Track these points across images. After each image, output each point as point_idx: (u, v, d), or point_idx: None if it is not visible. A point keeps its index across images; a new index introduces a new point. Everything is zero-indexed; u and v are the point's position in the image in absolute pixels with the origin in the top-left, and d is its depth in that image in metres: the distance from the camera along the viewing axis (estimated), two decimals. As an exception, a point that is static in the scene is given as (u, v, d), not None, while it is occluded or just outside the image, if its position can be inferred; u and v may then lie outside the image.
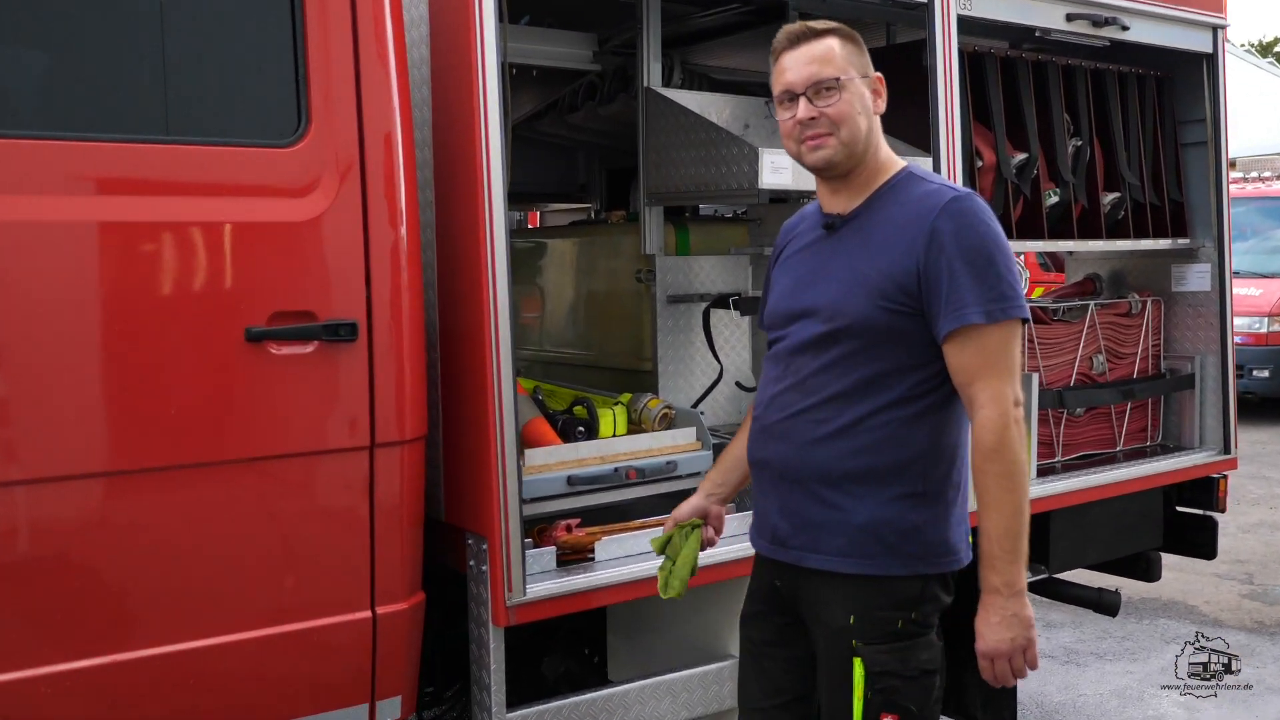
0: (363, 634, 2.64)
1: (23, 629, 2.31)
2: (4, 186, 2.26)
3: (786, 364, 2.41)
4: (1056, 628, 5.67)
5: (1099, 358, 4.43)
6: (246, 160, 2.48)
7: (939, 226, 2.24)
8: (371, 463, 2.61)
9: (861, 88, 2.36)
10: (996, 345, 2.24)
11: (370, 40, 2.59)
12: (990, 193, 3.98)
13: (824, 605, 2.35)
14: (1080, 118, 4.27)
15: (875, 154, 2.39)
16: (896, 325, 2.28)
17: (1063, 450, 4.29)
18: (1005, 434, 2.21)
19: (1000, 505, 2.21)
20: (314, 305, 2.52)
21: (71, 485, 2.33)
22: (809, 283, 2.41)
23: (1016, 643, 2.22)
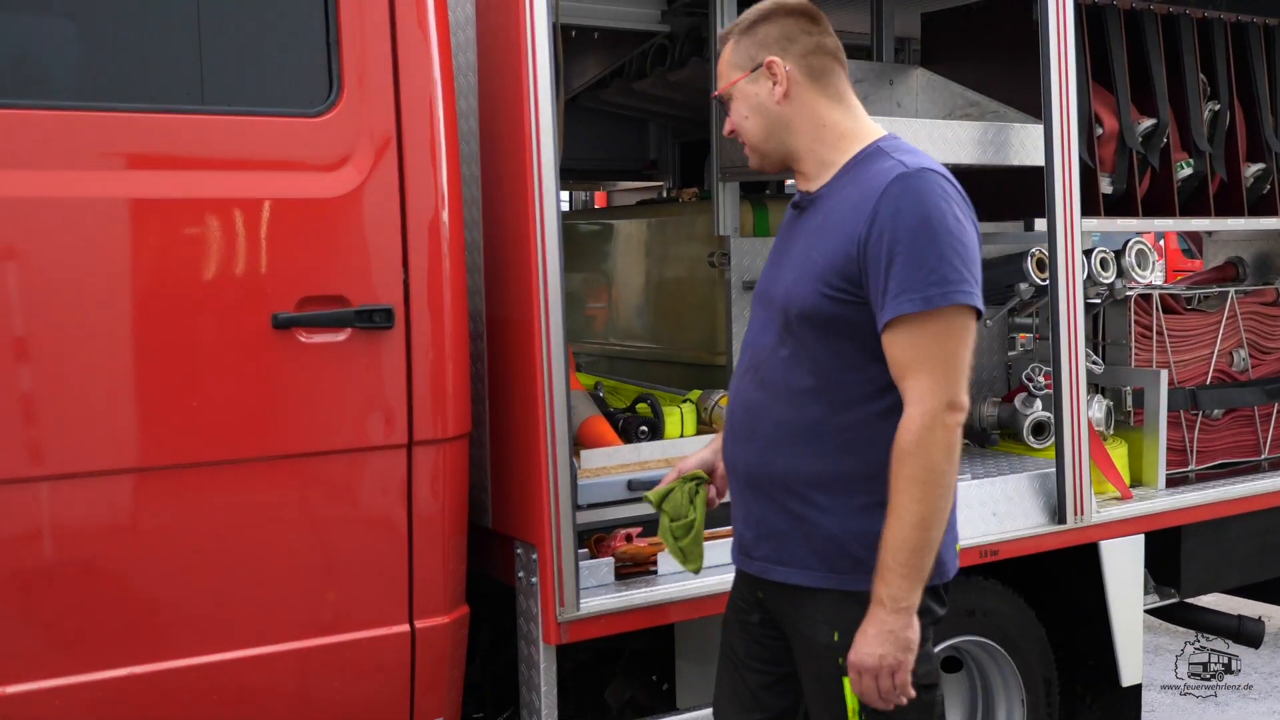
0: (400, 650, 2.69)
1: (41, 636, 2.41)
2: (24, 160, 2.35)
3: (754, 356, 2.47)
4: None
5: (1240, 352, 4.35)
6: (272, 131, 2.54)
7: (880, 206, 2.24)
8: (409, 462, 2.66)
9: (746, 88, 2.42)
10: (932, 337, 2.22)
11: (409, 3, 2.64)
12: (1112, 164, 3.94)
13: (805, 620, 2.38)
14: (1219, 78, 4.18)
15: (815, 139, 2.41)
16: (844, 315, 2.29)
17: (1197, 458, 4.22)
18: (926, 436, 2.20)
19: (903, 513, 2.20)
20: (347, 290, 2.58)
21: (86, 482, 2.41)
22: (777, 267, 2.46)
23: (885, 660, 2.21)
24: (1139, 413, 4.03)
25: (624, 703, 3.53)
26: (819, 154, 2.41)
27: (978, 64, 4.05)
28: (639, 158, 5.31)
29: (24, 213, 2.34)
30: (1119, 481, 3.81)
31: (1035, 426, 3.84)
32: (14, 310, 2.34)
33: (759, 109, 2.41)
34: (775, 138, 2.42)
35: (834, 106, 2.42)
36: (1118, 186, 3.95)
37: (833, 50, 2.42)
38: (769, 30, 2.41)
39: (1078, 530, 3.61)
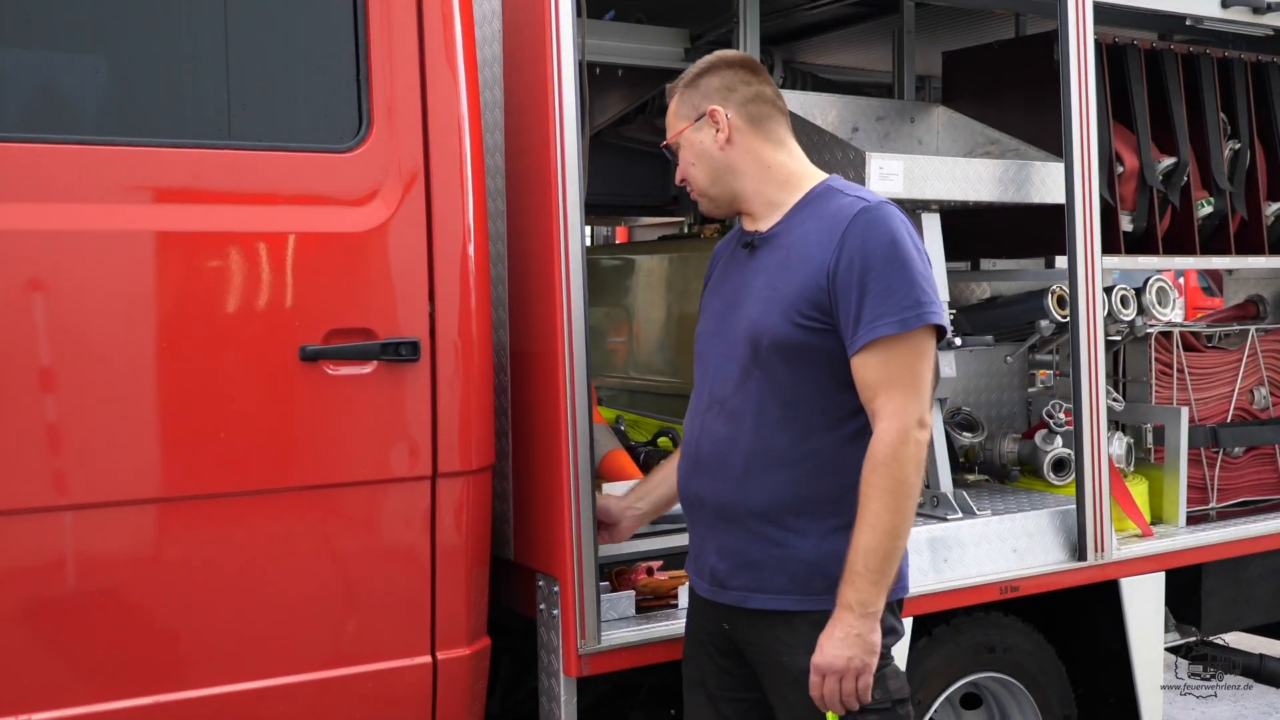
0: (422, 681, 2.68)
1: (64, 664, 2.41)
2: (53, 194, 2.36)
3: (714, 393, 2.51)
4: (1213, 702, 5.51)
5: (1261, 390, 4.32)
6: (302, 166, 2.56)
7: (848, 239, 2.34)
8: (434, 494, 2.66)
9: (691, 136, 2.54)
10: (904, 357, 2.32)
11: (437, 37, 2.66)
12: (1132, 202, 3.93)
13: (781, 647, 2.42)
14: (1239, 117, 4.19)
15: (761, 181, 2.53)
16: (814, 343, 2.38)
17: (1218, 495, 4.19)
18: (900, 449, 2.29)
19: (876, 522, 2.29)
20: (373, 323, 2.58)
21: (112, 512, 2.42)
22: (733, 304, 2.52)
23: (853, 663, 2.28)
24: (1160, 450, 4.01)
25: (644, 736, 3.51)
26: (766, 195, 2.53)
27: (998, 102, 4.06)
28: (661, 193, 5.31)
29: (57, 245, 2.36)
30: (1139, 519, 3.78)
31: (1056, 463, 3.82)
32: (45, 340, 2.35)
33: (703, 155, 2.53)
34: (721, 182, 2.54)
35: (776, 150, 2.55)
36: (1138, 224, 3.94)
37: (771, 98, 2.55)
38: (710, 81, 2.54)
39: (1098, 567, 3.59)
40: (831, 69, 4.81)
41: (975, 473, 4.02)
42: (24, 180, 2.35)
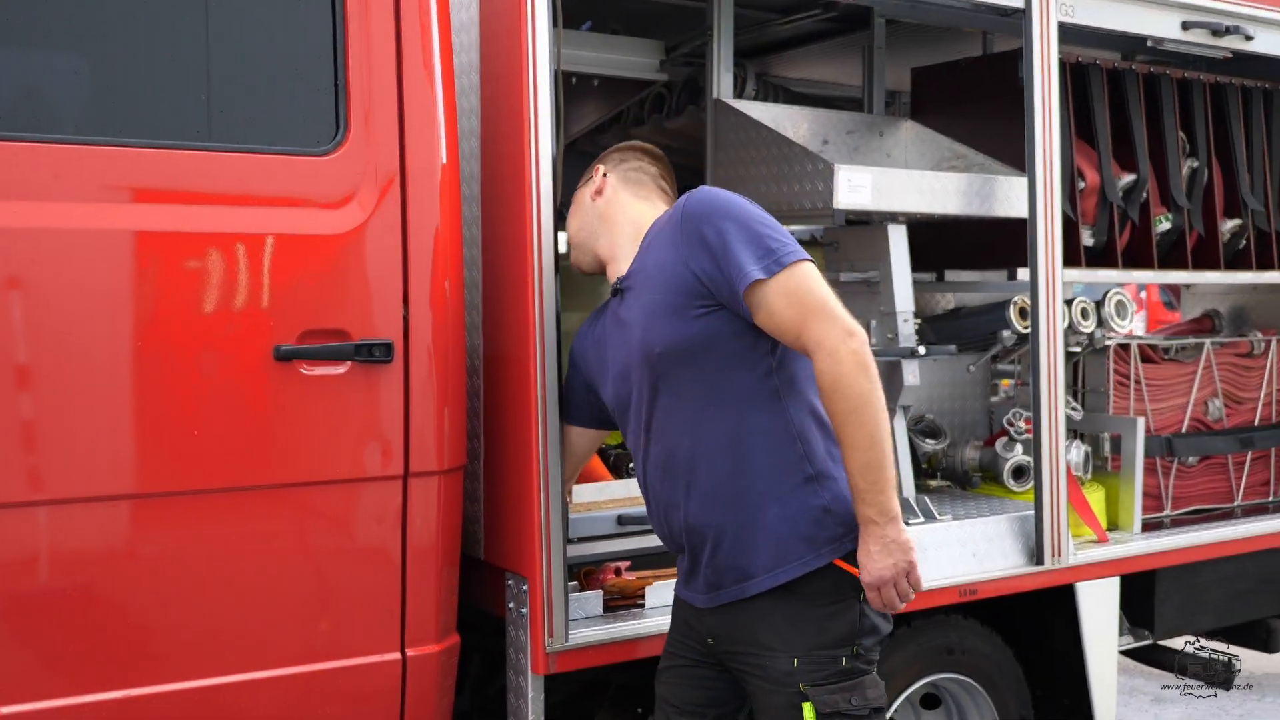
0: (391, 677, 2.66)
1: (39, 658, 2.38)
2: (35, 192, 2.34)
3: (643, 428, 2.56)
4: (1167, 703, 5.54)
5: (1215, 402, 4.35)
6: (280, 168, 2.54)
7: (686, 225, 2.43)
8: (405, 493, 2.65)
9: (578, 192, 2.82)
10: (793, 292, 2.35)
11: (415, 45, 2.65)
12: (1093, 216, 3.95)
13: (765, 653, 2.44)
14: (1197, 136, 4.21)
15: (624, 234, 2.69)
16: (704, 329, 2.42)
17: (1172, 503, 4.21)
18: (838, 371, 2.32)
19: (855, 441, 2.34)
20: (348, 324, 2.57)
21: (88, 507, 2.40)
22: (623, 346, 2.58)
23: (899, 567, 2.34)
24: (1116, 458, 4.02)
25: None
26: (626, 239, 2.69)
27: (965, 118, 4.07)
28: (636, 201, 5.31)
29: (36, 243, 2.33)
30: (1096, 525, 3.80)
31: (1015, 470, 3.83)
32: (21, 337, 2.33)
33: (579, 206, 2.79)
34: (587, 229, 2.77)
35: (640, 206, 2.73)
36: (1098, 239, 3.96)
37: (654, 176, 2.79)
38: (612, 154, 2.83)
39: (1055, 572, 3.60)
40: (803, 82, 4.81)
41: (937, 479, 4.04)
42: (2, 178, 2.32)
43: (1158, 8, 3.86)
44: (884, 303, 3.53)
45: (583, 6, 4.00)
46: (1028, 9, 3.55)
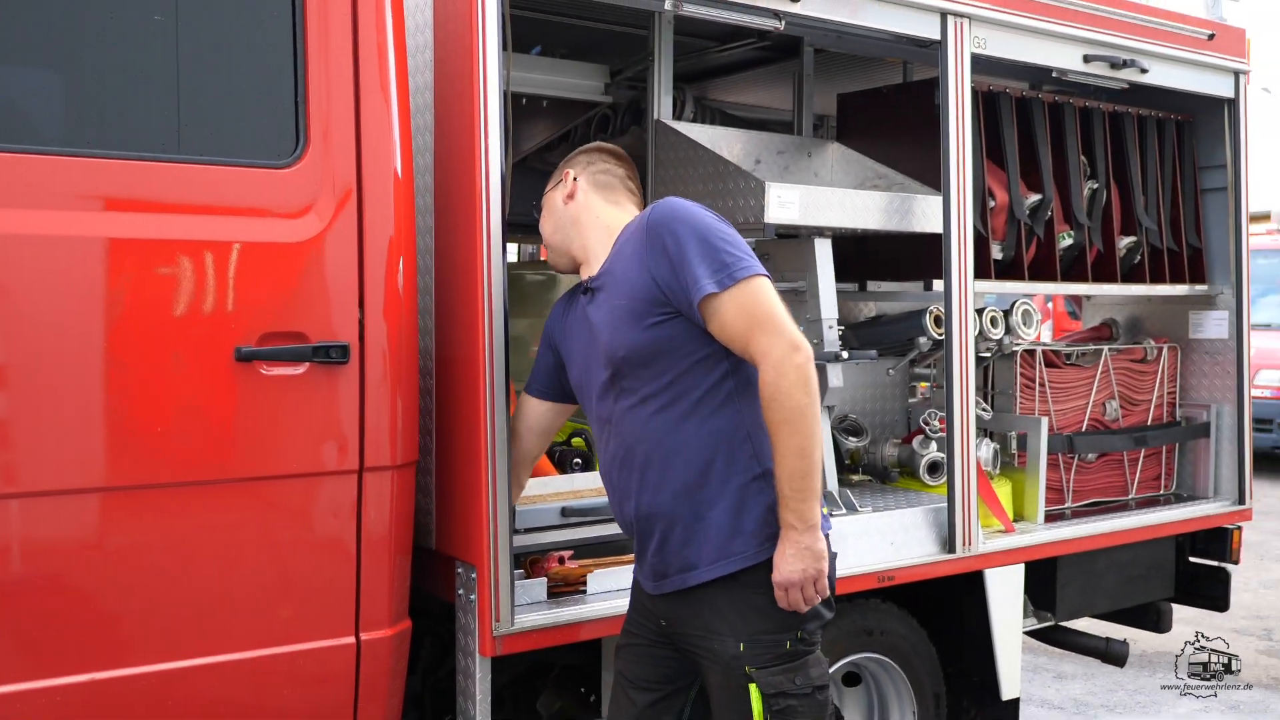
0: (346, 660, 2.63)
1: (6, 642, 2.32)
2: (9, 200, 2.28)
3: (602, 421, 2.56)
4: (1068, 679, 5.60)
5: (1112, 403, 4.39)
6: (243, 180, 2.50)
7: (650, 234, 2.41)
8: (360, 487, 2.61)
9: (549, 195, 2.74)
10: (744, 305, 2.34)
11: (372, 65, 2.62)
12: (1002, 233, 3.98)
13: (714, 636, 2.43)
14: (1097, 160, 4.26)
15: (596, 235, 2.62)
16: (664, 335, 2.41)
17: (1073, 496, 4.26)
18: (779, 383, 2.31)
19: (785, 449, 2.32)
20: (306, 327, 2.53)
21: (57, 500, 2.34)
22: (591, 343, 2.56)
23: (808, 573, 2.34)
24: (1022, 455, 4.06)
25: (554, 712, 3.48)
26: (600, 249, 2.61)
27: (886, 141, 4.09)
28: (582, 214, 5.29)
29: (10, 248, 2.27)
30: (1003, 516, 3.82)
31: (930, 466, 3.85)
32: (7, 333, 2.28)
33: (551, 209, 2.72)
34: (561, 232, 2.69)
35: (611, 210, 2.65)
36: (1007, 253, 3.99)
37: (622, 177, 2.70)
38: (578, 156, 2.74)
39: (966, 559, 3.62)
40: (738, 106, 4.82)
41: (859, 473, 4.04)
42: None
43: (1062, 41, 3.90)
44: (810, 310, 3.53)
45: (532, 31, 3.98)
46: (943, 41, 3.58)
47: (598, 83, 4.08)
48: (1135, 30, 4.09)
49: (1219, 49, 4.36)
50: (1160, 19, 4.18)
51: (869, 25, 3.43)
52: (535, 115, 4.37)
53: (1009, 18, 3.72)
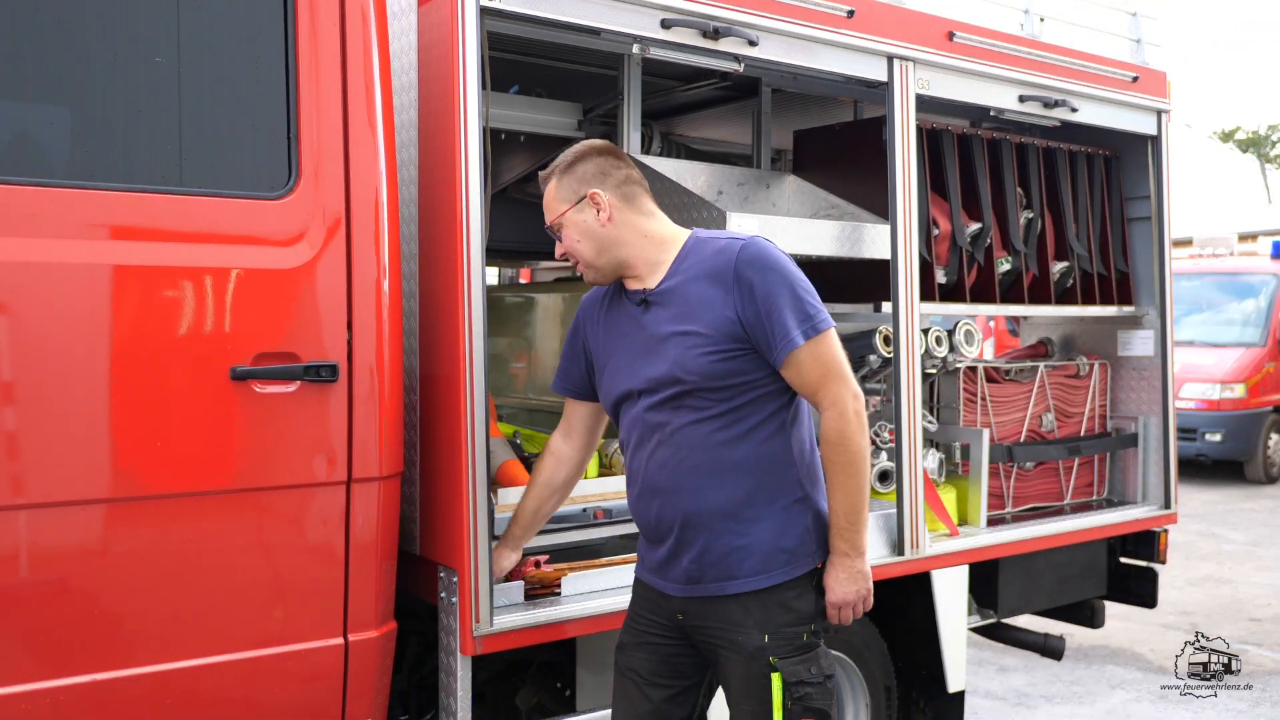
0: (335, 660, 2.61)
1: (19, 645, 2.30)
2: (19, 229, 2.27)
3: (648, 428, 2.49)
4: (1010, 671, 5.62)
5: (1048, 416, 4.43)
6: (239, 210, 2.49)
7: (741, 274, 2.39)
8: (348, 497, 2.60)
9: (574, 217, 2.52)
10: (821, 356, 2.40)
11: (360, 103, 2.62)
12: (946, 259, 4.01)
13: (738, 628, 2.43)
14: (1032, 192, 4.30)
15: (641, 247, 2.53)
16: (734, 368, 2.41)
17: (1013, 502, 4.29)
18: (845, 429, 2.40)
19: (845, 488, 2.42)
20: (298, 347, 2.52)
21: (64, 510, 2.32)
22: (645, 353, 2.49)
23: (860, 594, 2.47)
24: (966, 464, 4.08)
25: (532, 706, 3.46)
26: (648, 258, 2.52)
27: (838, 174, 4.11)
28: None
29: (22, 275, 2.26)
30: (948, 521, 3.84)
31: (880, 474, 3.85)
32: (10, 359, 2.26)
33: (588, 233, 2.51)
34: (607, 253, 2.52)
35: (648, 219, 2.55)
36: (950, 278, 4.02)
37: (637, 179, 2.56)
38: (585, 168, 2.53)
39: (914, 561, 3.63)
40: (701, 141, 4.85)
41: (815, 481, 4.04)
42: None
43: (999, 83, 3.94)
44: (769, 331, 3.54)
45: (511, 72, 3.99)
46: (890, 82, 3.61)
47: (571, 120, 4.09)
48: (1066, 73, 4.14)
49: (1142, 90, 4.42)
50: (1089, 62, 4.24)
51: (822, 68, 3.46)
52: (513, 149, 4.37)
53: (950, 61, 3.76)
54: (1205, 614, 6.74)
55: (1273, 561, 8.17)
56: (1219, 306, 12.44)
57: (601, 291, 2.67)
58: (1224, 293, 12.56)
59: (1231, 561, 8.17)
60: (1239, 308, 12.32)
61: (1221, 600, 7.09)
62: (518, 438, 3.64)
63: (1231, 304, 12.44)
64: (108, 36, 2.42)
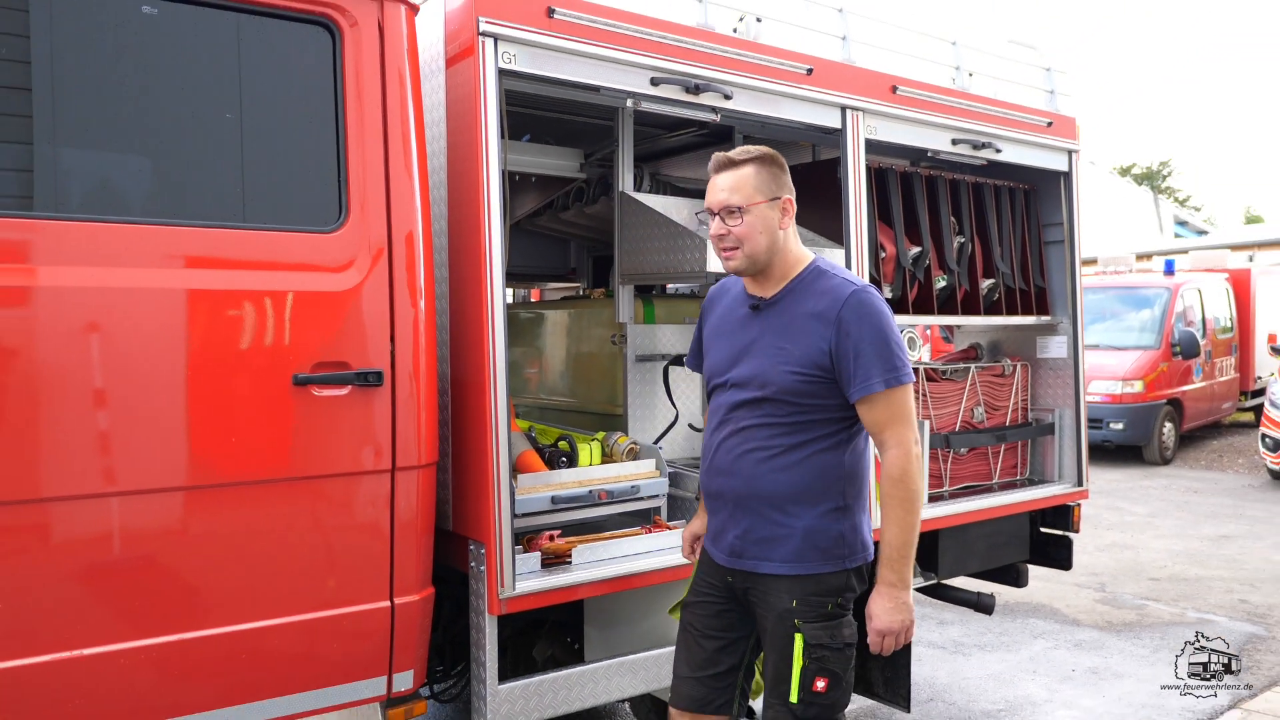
0: (383, 619, 2.62)
1: (117, 610, 2.32)
2: (112, 260, 2.29)
3: (727, 416, 2.48)
4: (948, 625, 5.65)
5: (979, 409, 4.45)
6: (297, 243, 2.50)
7: (844, 316, 2.33)
8: (393, 483, 2.61)
9: (766, 211, 2.39)
10: (895, 402, 2.33)
11: (398, 152, 2.63)
12: (891, 277, 4.03)
13: (773, 594, 2.42)
14: (964, 220, 4.33)
15: (784, 256, 2.45)
16: (812, 389, 2.36)
17: (949, 481, 4.31)
18: (907, 469, 2.32)
19: (900, 522, 2.33)
20: (348, 357, 2.54)
21: (152, 497, 2.34)
22: (742, 353, 2.47)
23: (904, 623, 2.36)
24: (910, 450, 4.09)
25: (546, 658, 3.48)
26: (782, 267, 2.46)
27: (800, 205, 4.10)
28: (563, 266, 5.32)
29: (113, 298, 2.28)
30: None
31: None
32: (103, 368, 2.27)
33: (770, 229, 2.40)
34: (768, 252, 2.41)
35: (795, 238, 2.48)
36: (895, 293, 4.04)
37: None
38: (777, 173, 2.42)
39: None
40: (684, 179, 4.86)
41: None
42: (86, 249, 2.27)
43: (935, 129, 3.98)
44: (744, 339, 3.56)
45: (524, 124, 4.02)
46: (843, 129, 3.64)
47: (574, 163, 4.11)
48: (991, 119, 4.17)
49: (1056, 133, 4.46)
50: (1010, 110, 4.27)
51: (786, 117, 3.49)
52: (526, 188, 4.40)
53: (894, 111, 3.80)
54: (1111, 575, 6.78)
55: (1168, 530, 8.21)
56: (1120, 316, 12.50)
57: (724, 287, 2.63)
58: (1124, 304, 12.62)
59: (1133, 530, 8.21)
60: (1137, 317, 12.38)
61: (1125, 563, 7.13)
62: (532, 432, 3.67)
63: (1131, 314, 12.50)
64: (188, 98, 2.44)
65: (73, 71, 2.31)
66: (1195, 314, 12.56)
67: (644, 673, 3.14)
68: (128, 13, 2.36)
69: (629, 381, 3.84)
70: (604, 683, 3.07)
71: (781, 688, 2.39)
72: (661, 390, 3.85)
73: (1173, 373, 11.86)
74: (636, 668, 3.13)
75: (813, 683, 2.35)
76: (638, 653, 3.16)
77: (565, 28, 2.89)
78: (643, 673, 3.14)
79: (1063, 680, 4.79)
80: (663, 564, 3.12)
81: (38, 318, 2.22)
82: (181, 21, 2.42)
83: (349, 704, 2.62)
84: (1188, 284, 12.64)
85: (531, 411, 4.43)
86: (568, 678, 3.00)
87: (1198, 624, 5.62)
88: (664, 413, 3.89)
